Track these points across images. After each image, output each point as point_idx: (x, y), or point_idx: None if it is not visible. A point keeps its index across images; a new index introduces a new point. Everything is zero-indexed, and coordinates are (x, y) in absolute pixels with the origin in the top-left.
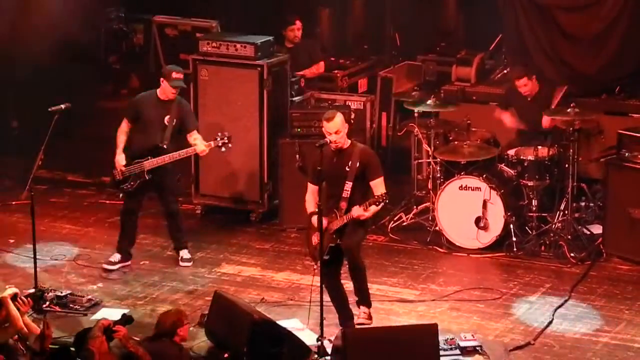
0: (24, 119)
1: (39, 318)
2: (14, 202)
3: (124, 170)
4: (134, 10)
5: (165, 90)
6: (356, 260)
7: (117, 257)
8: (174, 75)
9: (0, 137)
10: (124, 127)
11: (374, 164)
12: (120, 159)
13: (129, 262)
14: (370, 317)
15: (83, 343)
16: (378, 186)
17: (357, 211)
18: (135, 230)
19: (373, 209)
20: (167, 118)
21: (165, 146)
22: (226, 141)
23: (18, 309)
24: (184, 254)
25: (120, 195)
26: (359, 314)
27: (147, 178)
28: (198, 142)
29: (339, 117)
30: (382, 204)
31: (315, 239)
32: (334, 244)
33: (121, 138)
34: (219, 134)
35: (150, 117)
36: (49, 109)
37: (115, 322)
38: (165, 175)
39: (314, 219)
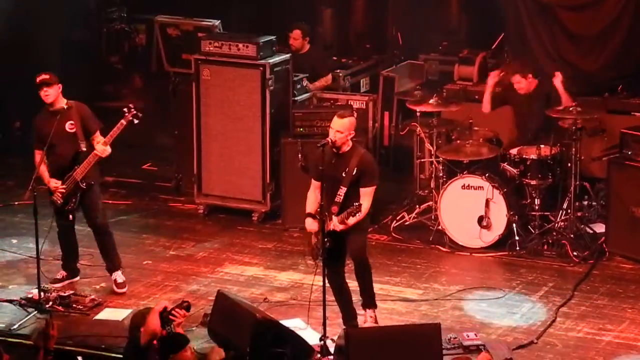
0: (26, 120)
1: (42, 318)
2: (16, 203)
3: (62, 191)
4: (136, 10)
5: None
6: (363, 262)
7: (61, 273)
8: (38, 78)
9: (3, 138)
10: (37, 159)
11: (370, 172)
12: (53, 183)
13: (77, 278)
14: (376, 322)
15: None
16: (365, 195)
17: (334, 224)
18: (75, 247)
19: (352, 220)
20: (69, 124)
21: (84, 149)
22: (134, 112)
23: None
24: (117, 276)
25: (70, 217)
26: (365, 319)
27: (84, 187)
28: (99, 145)
29: (348, 120)
30: (357, 215)
31: (313, 238)
32: (327, 246)
33: (42, 168)
34: (124, 109)
35: (50, 133)
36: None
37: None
38: (90, 187)
39: (308, 221)
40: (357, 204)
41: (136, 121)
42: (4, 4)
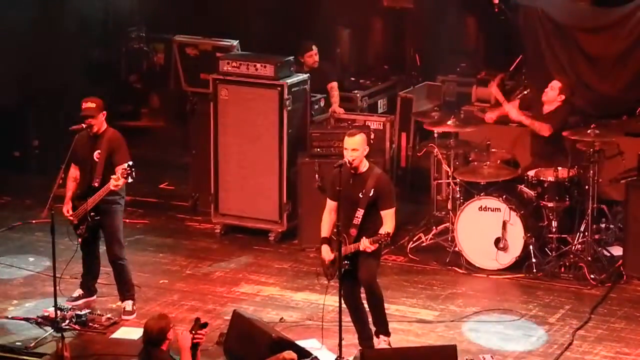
0: (44, 138)
1: (56, 338)
2: (34, 221)
3: (73, 216)
4: (154, 29)
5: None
6: (373, 289)
7: (79, 292)
8: (82, 105)
9: (21, 156)
10: (71, 173)
11: (387, 193)
12: (65, 209)
13: (94, 297)
14: (390, 346)
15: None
16: (387, 218)
17: (364, 244)
18: (95, 268)
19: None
20: (96, 153)
21: (96, 184)
22: (129, 171)
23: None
24: (126, 304)
25: (79, 240)
26: (378, 343)
27: (90, 220)
28: (113, 177)
29: (360, 136)
30: (383, 243)
31: (327, 258)
32: (344, 269)
33: (69, 185)
34: (124, 165)
35: (83, 156)
36: (69, 128)
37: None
38: (106, 216)
39: (324, 249)
40: (383, 232)
41: (130, 180)
42: (25, 24)
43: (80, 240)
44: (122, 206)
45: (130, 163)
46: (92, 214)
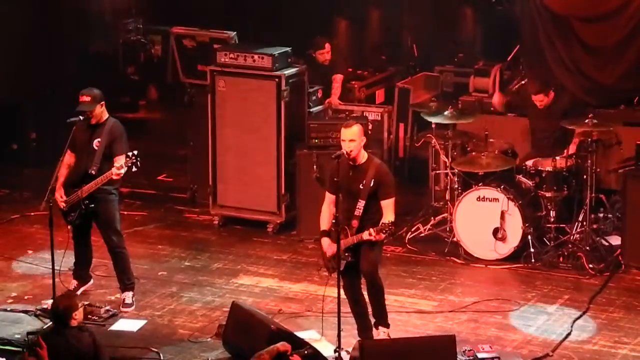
0: (42, 131)
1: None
2: (32, 213)
3: (65, 203)
4: (152, 21)
5: None
6: (375, 281)
7: (74, 283)
8: (80, 99)
9: (19, 149)
10: (65, 159)
11: (387, 183)
12: (58, 195)
13: (90, 283)
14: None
15: None
16: (387, 208)
17: (367, 236)
18: (88, 256)
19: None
20: (96, 142)
21: (93, 172)
22: (133, 160)
23: None
24: (126, 296)
25: (69, 226)
26: (378, 335)
27: (83, 207)
28: (115, 165)
29: (356, 127)
30: (388, 233)
31: (329, 251)
32: (346, 261)
33: (61, 171)
34: (129, 154)
35: (81, 143)
36: (67, 120)
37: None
38: (101, 205)
39: (324, 242)
40: (387, 222)
41: (135, 169)
42: (22, 15)
43: (70, 227)
44: (116, 196)
45: (135, 152)
46: (86, 201)
